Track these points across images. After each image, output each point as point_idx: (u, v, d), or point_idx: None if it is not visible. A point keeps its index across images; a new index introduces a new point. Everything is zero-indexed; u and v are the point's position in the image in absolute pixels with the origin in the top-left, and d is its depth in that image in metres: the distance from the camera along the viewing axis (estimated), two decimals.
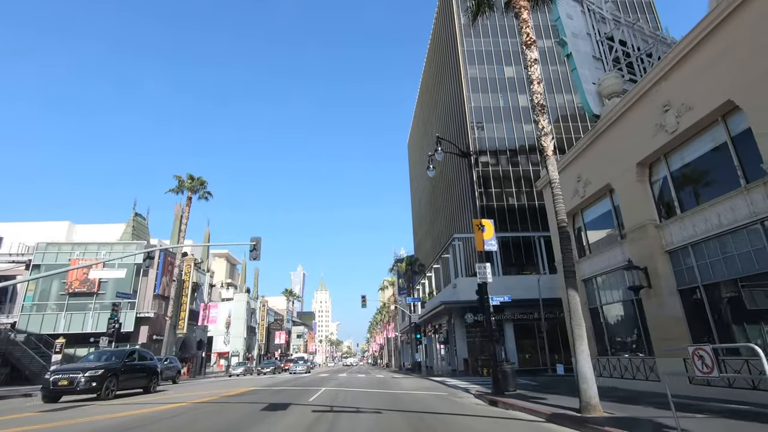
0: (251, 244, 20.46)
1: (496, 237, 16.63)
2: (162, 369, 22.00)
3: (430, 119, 67.37)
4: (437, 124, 60.55)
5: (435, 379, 23.41)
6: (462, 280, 35.53)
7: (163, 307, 40.43)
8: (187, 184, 37.57)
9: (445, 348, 40.12)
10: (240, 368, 39.17)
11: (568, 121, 44.52)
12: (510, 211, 40.25)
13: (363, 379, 24.81)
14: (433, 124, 64.29)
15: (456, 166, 48.95)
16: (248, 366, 41.14)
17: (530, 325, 34.25)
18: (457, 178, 48.89)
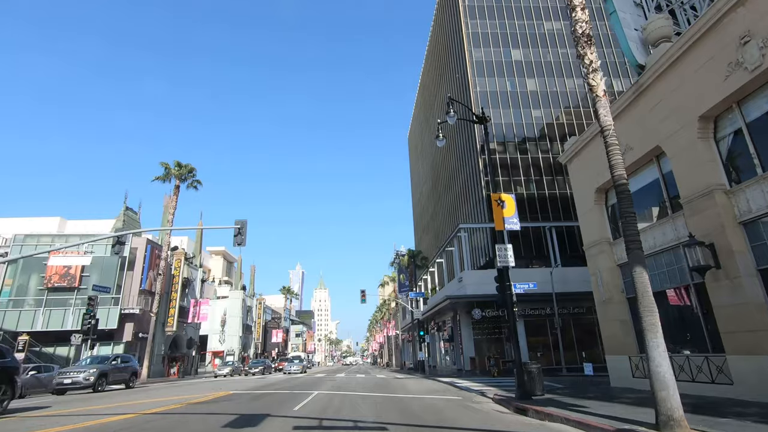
0: (236, 227, 18.09)
1: (517, 215, 14.25)
2: (107, 371, 19.42)
3: (433, 107, 64.97)
4: (440, 111, 58.14)
5: (442, 380, 21.06)
6: (468, 274, 33.18)
7: (150, 304, 38.05)
8: (174, 171, 35.18)
9: (450, 346, 37.78)
10: (226, 368, 36.54)
11: (583, 107, 42.09)
12: (519, 201, 37.48)
13: (363, 380, 22.47)
14: (436, 113, 61.87)
15: (460, 154, 46.61)
16: (236, 366, 38.28)
17: (541, 321, 31.92)
18: (461, 167, 46.53)
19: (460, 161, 47.07)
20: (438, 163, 62.57)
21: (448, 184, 54.48)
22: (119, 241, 17.03)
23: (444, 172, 57.87)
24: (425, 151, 75.49)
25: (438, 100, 61.51)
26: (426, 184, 74.93)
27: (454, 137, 49.86)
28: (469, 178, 43.29)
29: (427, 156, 73.87)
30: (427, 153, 73.47)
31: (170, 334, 41.47)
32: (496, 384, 18.52)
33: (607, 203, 14.95)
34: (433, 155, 66.61)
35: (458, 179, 48.30)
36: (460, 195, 47.19)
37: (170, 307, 41.89)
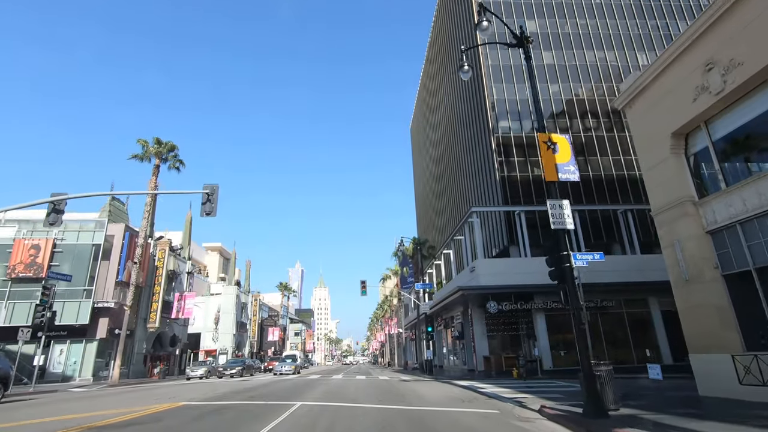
0: (204, 193, 14.45)
1: (574, 162, 10.64)
2: None
3: (439, 89, 61.13)
4: (448, 91, 54.45)
5: (459, 384, 17.41)
6: (482, 262, 29.53)
7: (129, 297, 34.44)
8: (153, 149, 31.52)
9: (460, 344, 34.12)
10: (200, 369, 32.26)
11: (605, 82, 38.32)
12: (536, 183, 34.26)
13: (363, 383, 18.84)
14: (443, 94, 58.16)
15: (470, 135, 42.88)
16: (213, 366, 33.83)
17: (564, 315, 28.16)
18: (471, 149, 42.73)
19: (470, 142, 43.34)
20: (443, 149, 58.86)
21: (456, 169, 50.76)
22: (55, 209, 13.36)
23: (450, 157, 54.17)
24: (429, 139, 71.81)
25: (444, 82, 57.76)
26: (430, 173, 71.28)
27: (464, 117, 46.07)
28: (481, 160, 39.58)
29: (430, 144, 70.20)
30: (430, 141, 69.82)
31: (153, 331, 37.87)
32: (526, 389, 14.91)
33: (688, 151, 11.24)
34: (438, 142, 62.90)
35: (467, 163, 44.52)
36: (470, 180, 43.47)
37: (153, 301, 38.30)
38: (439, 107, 61.90)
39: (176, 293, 39.03)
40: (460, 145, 48.55)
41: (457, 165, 50.48)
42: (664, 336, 27.82)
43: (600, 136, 36.60)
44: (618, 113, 37.80)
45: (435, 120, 65.96)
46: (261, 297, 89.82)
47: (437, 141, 64.02)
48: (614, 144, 36.38)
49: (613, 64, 38.67)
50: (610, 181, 34.89)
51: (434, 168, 67.41)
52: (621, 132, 36.58)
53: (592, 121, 36.76)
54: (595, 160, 35.57)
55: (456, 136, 50.24)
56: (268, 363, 42.93)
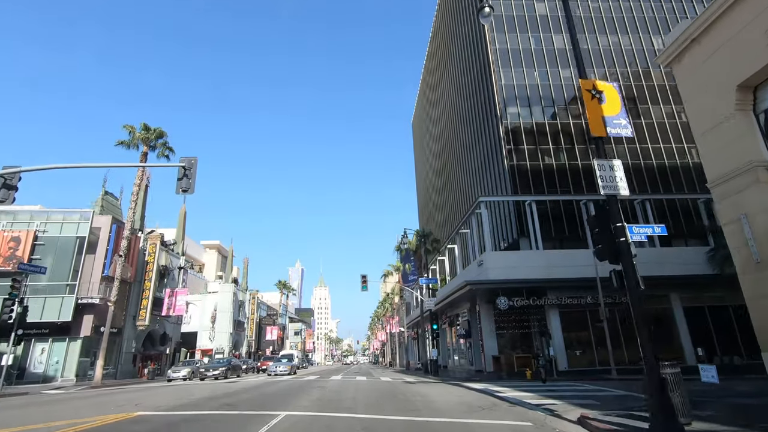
0: (180, 166, 12.56)
1: (625, 114, 8.72)
2: None
3: (443, 78, 59.10)
4: (451, 79, 52.36)
5: (471, 387, 15.47)
6: (491, 255, 27.62)
7: (113, 292, 32.60)
8: (141, 135, 29.59)
9: (466, 343, 32.17)
10: (183, 370, 29.12)
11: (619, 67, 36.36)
12: (547, 172, 32.33)
13: (363, 385, 16.91)
14: (446, 83, 56.12)
15: (476, 123, 40.89)
16: (196, 367, 30.55)
17: (580, 312, 26.34)
18: (477, 138, 40.71)
19: (476, 131, 41.36)
20: (447, 141, 56.79)
21: (460, 160, 48.75)
22: (6, 184, 11.45)
23: (454, 148, 52.16)
24: (431, 132, 69.77)
25: (446, 73, 55.76)
26: (432, 167, 69.30)
27: (469, 105, 44.04)
28: (488, 149, 37.62)
29: (433, 136, 68.14)
30: (433, 133, 67.77)
31: (142, 329, 36.01)
32: (550, 392, 13.00)
33: (758, 107, 9.28)
34: (441, 133, 60.86)
35: (473, 153, 42.48)
36: (476, 170, 41.49)
37: (143, 298, 36.43)
38: (442, 97, 59.89)
39: (168, 290, 37.13)
40: (464, 134, 46.55)
41: (461, 156, 48.48)
42: (687, 334, 25.90)
43: None
44: (633, 100, 35.86)
45: (438, 111, 63.99)
46: (260, 296, 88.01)
47: (440, 133, 62.05)
48: None
49: (627, 48, 36.70)
50: (626, 170, 32.69)
51: (437, 161, 65.45)
52: (636, 119, 34.63)
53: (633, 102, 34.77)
54: (610, 148, 33.57)
55: (460, 126, 48.23)
56: (261, 363, 40.34)
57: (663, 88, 35.80)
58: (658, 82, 35.93)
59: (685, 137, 33.83)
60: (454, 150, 52.60)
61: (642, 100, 35.37)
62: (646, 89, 35.60)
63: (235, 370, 29.98)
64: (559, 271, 26.18)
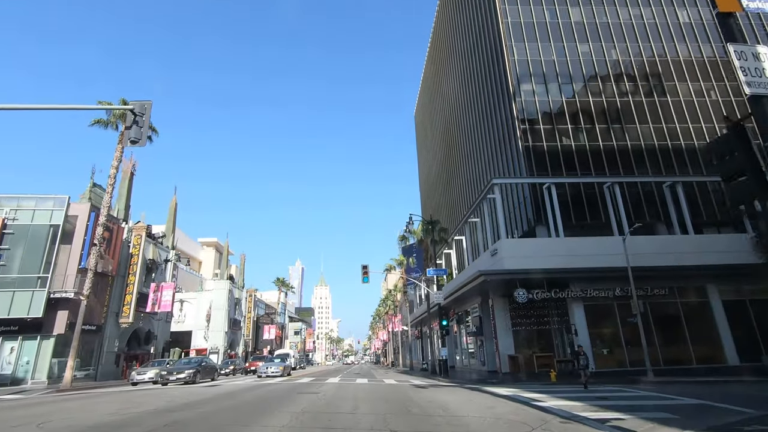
0: (128, 110, 9.84)
1: None
2: None
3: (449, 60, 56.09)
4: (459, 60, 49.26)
5: (498, 393, 12.66)
6: (507, 243, 24.85)
7: (86, 285, 29.95)
8: (119, 112, 26.82)
9: (477, 341, 29.42)
10: (149, 372, 24.16)
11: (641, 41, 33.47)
12: (566, 154, 29.55)
13: (364, 390, 14.15)
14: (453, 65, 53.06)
15: (486, 103, 38.03)
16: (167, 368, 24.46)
17: (607, 306, 23.55)
18: (488, 118, 37.75)
19: (486, 112, 38.45)
20: (453, 129, 53.84)
21: (468, 145, 45.82)
22: None
23: (461, 134, 49.27)
24: (436, 118, 66.82)
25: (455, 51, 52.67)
26: (437, 158, 66.41)
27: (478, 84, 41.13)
28: (499, 131, 34.78)
29: (438, 125, 65.19)
30: (438, 121, 64.83)
31: (126, 327, 33.34)
32: (599, 401, 10.25)
33: None
34: (447, 119, 57.89)
35: (482, 136, 39.51)
36: (486, 155, 38.58)
37: (126, 293, 33.77)
38: (447, 82, 56.96)
39: (153, 284, 34.41)
40: (472, 118, 43.63)
41: (469, 142, 45.56)
42: (728, 331, 23.07)
43: (638, 102, 31.81)
44: (658, 76, 32.99)
45: (443, 98, 61.13)
46: (259, 294, 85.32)
47: (445, 120, 59.17)
48: (655, 110, 31.58)
49: (650, 22, 33.87)
50: (652, 152, 30.13)
51: (441, 151, 62.62)
52: (662, 97, 31.84)
53: (628, 85, 31.95)
54: (634, 129, 30.83)
55: (468, 109, 45.25)
56: (249, 363, 37.37)
57: (690, 64, 33.00)
58: (685, 57, 33.13)
59: (716, 116, 31.04)
60: (460, 137, 49.71)
61: (668, 76, 32.52)
62: (671, 65, 32.76)
63: (209, 371, 24.79)
64: (583, 260, 23.41)
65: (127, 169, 37.72)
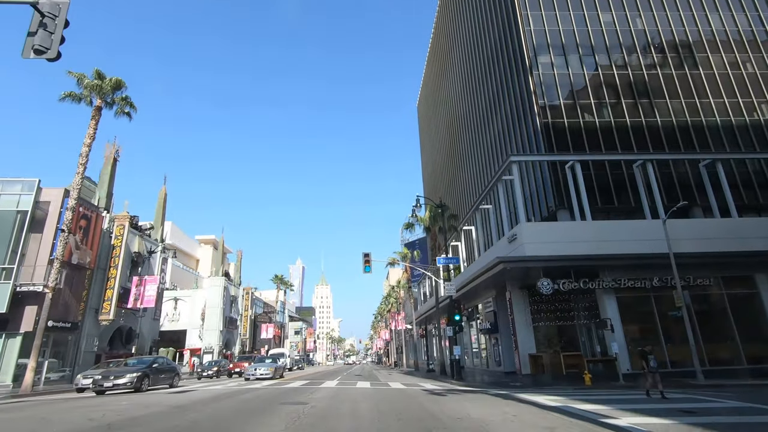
0: (29, 2, 6.87)
1: None
2: None
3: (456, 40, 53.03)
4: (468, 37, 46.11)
5: (544, 404, 9.77)
6: (528, 228, 22.00)
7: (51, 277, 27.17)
8: (91, 84, 24.07)
9: (491, 339, 26.57)
10: (94, 375, 17.33)
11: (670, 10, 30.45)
12: (589, 132, 26.66)
13: (366, 398, 11.29)
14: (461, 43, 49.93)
15: (498, 79, 35.07)
16: (105, 371, 17.92)
17: (643, 299, 20.66)
18: (501, 96, 34.73)
19: (499, 91, 35.49)
20: (461, 113, 50.72)
21: (478, 130, 42.78)
22: None
23: (470, 119, 46.28)
24: (442, 107, 63.83)
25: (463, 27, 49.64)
26: (442, 148, 63.45)
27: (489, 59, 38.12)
28: (514, 108, 31.82)
29: (444, 113, 62.20)
30: (444, 108, 61.83)
31: (107, 324, 30.61)
32: (684, 415, 7.39)
33: None
34: (454, 106, 54.95)
35: (495, 117, 36.47)
36: (498, 136, 35.57)
37: (107, 288, 31.02)
38: (454, 62, 53.91)
39: (135, 278, 31.61)
40: (483, 97, 40.57)
41: (479, 124, 42.48)
42: None
43: (668, 75, 28.88)
44: (689, 47, 30.03)
45: (450, 80, 58.16)
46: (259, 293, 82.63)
47: (452, 105, 56.15)
48: (686, 84, 28.66)
49: None
50: (684, 130, 27.20)
51: (447, 140, 59.64)
52: (694, 70, 28.92)
53: (656, 57, 29.00)
54: (663, 104, 27.91)
55: (478, 89, 42.13)
56: (233, 365, 33.59)
57: (724, 34, 30.06)
58: (717, 27, 30.19)
59: (754, 91, 28.13)
60: (469, 121, 46.67)
61: (699, 48, 29.58)
62: (702, 35, 29.81)
63: (165, 375, 18.55)
64: (616, 246, 20.52)
65: (109, 155, 34.98)
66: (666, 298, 19.87)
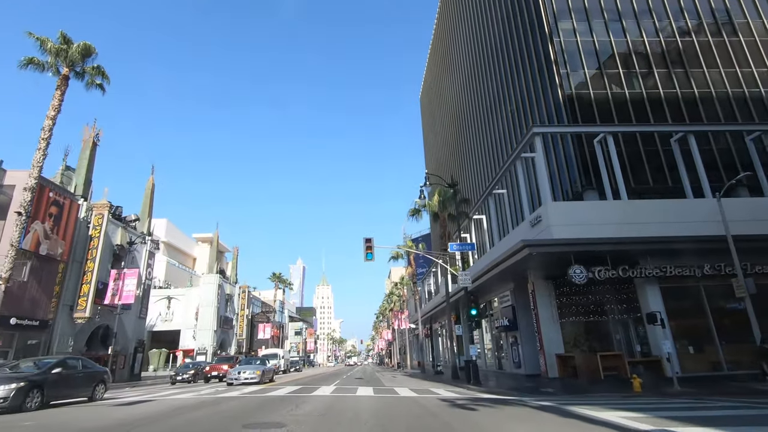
0: None
1: None
2: None
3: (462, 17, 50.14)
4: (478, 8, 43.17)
5: (632, 428, 6.74)
6: (555, 207, 19.13)
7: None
8: (56, 48, 21.26)
9: (508, 338, 23.65)
10: None
11: None
12: (619, 104, 23.79)
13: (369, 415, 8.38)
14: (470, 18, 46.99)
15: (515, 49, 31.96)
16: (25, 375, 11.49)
17: (692, 289, 17.68)
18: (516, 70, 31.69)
19: (512, 66, 32.52)
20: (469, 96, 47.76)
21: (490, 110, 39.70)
22: None
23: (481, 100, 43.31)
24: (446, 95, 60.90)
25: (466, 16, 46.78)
26: (448, 138, 60.52)
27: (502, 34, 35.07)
28: (531, 84, 28.92)
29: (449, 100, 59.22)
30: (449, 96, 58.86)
31: (83, 322, 27.79)
32: None
33: None
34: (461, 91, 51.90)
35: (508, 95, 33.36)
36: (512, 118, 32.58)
37: (83, 282, 28.21)
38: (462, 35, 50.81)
39: (113, 271, 28.74)
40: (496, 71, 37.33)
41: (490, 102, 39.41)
42: None
43: (704, 42, 25.98)
44: (725, 10, 27.07)
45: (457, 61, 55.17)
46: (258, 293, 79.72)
47: (459, 89, 53.14)
48: (725, 52, 25.76)
49: None
50: (725, 101, 24.32)
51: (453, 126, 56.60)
52: (733, 36, 26.01)
53: (690, 23, 26.09)
54: (700, 74, 25.03)
55: (489, 66, 38.97)
56: (210, 367, 28.04)
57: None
58: None
59: None
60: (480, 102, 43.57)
61: (737, 12, 26.66)
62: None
63: (83, 383, 13.40)
64: (655, 229, 17.56)
65: (88, 138, 32.19)
66: (719, 288, 16.97)
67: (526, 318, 21.88)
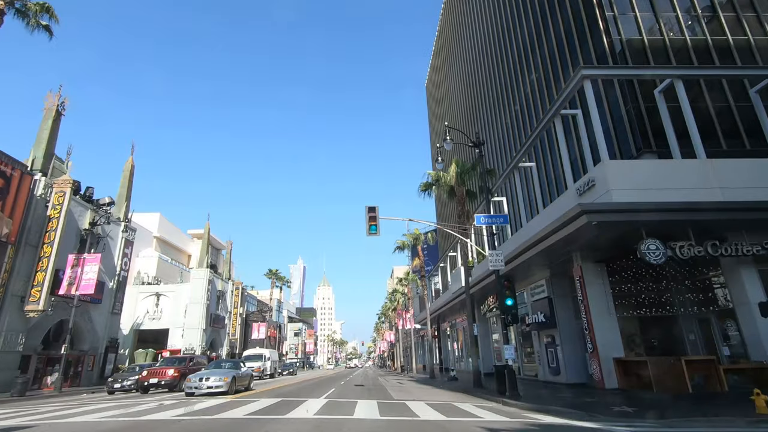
0: None
1: None
2: None
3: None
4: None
5: None
6: (613, 166, 14.87)
7: None
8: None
9: (543, 337, 19.39)
10: None
11: None
12: (678, 52, 19.46)
13: None
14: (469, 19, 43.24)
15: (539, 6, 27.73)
16: None
17: None
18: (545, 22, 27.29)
19: (540, 20, 28.20)
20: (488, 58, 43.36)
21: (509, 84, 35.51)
22: None
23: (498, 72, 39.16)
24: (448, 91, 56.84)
25: None
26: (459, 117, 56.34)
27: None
28: (564, 36, 24.58)
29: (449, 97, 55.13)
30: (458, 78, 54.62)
31: (35, 316, 23.64)
32: None
33: None
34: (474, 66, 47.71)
35: (537, 50, 28.90)
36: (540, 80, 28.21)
37: (37, 269, 24.07)
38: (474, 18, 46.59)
39: (71, 256, 24.55)
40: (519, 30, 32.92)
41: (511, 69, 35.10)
42: None
43: None
44: None
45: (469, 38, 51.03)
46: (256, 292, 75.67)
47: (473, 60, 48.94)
48: None
49: None
50: None
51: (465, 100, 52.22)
52: None
53: None
54: (741, 39, 20.59)
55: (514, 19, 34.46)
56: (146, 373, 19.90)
57: None
58: None
59: None
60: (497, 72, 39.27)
61: None
62: None
63: None
64: (745, 195, 13.27)
65: (50, 106, 28.12)
66: None
67: (565, 312, 17.70)
